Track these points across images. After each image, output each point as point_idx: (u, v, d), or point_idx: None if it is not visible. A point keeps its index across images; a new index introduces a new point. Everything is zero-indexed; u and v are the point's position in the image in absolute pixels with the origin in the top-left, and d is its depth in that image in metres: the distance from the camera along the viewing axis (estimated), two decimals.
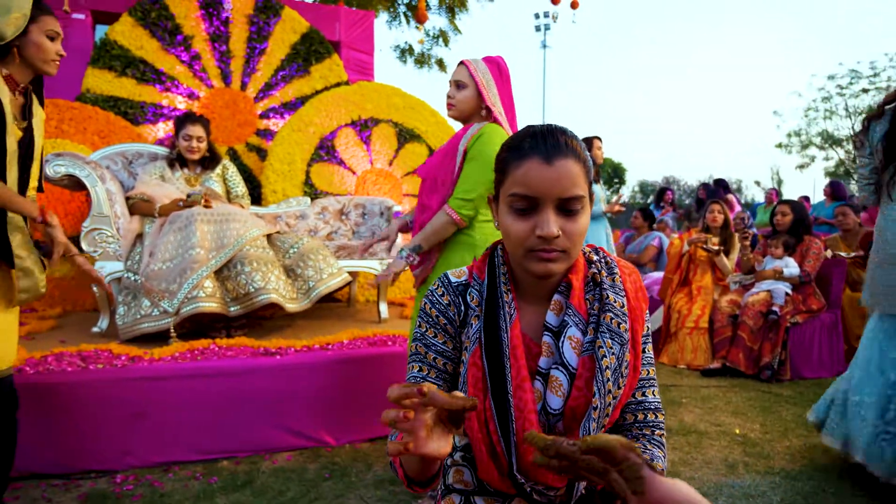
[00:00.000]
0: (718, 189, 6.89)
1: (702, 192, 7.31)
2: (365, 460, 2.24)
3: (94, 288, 2.68)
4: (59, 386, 2.03)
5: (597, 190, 4.12)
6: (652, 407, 0.94)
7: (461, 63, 1.88)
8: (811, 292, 3.76)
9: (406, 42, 10.78)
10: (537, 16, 33.08)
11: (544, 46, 33.51)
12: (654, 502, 0.65)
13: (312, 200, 3.82)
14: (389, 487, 2.03)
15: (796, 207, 3.90)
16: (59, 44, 1.65)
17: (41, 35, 1.59)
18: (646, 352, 0.93)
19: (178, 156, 3.04)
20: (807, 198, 9.81)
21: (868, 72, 20.55)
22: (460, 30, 10.08)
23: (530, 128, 0.88)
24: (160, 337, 2.49)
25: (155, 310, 2.49)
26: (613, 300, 0.89)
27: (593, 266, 0.94)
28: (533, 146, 0.83)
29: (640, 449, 0.82)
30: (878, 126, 2.10)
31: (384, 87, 4.30)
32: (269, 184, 3.88)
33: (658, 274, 4.75)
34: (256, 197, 3.94)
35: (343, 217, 3.74)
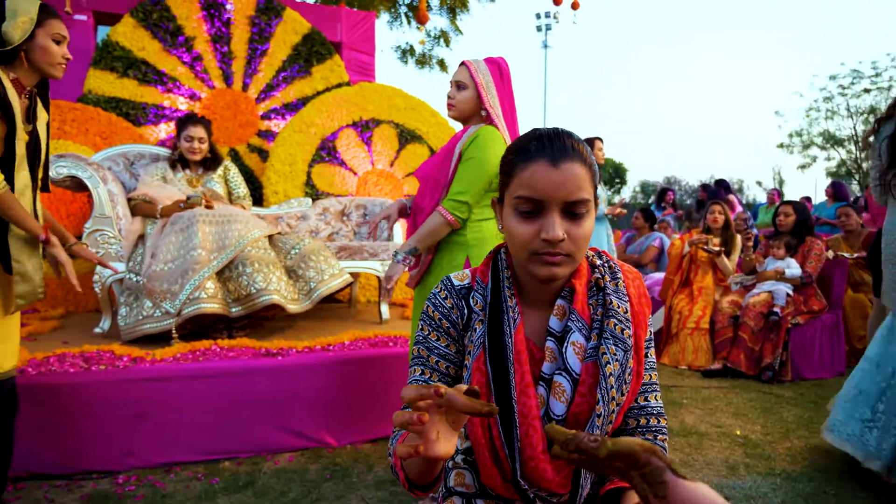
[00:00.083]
0: (719, 190, 6.88)
1: (702, 194, 7.30)
2: (366, 461, 2.25)
3: (97, 288, 2.68)
4: (62, 387, 2.04)
5: (598, 191, 4.11)
6: (654, 412, 0.93)
7: (462, 64, 1.88)
8: (812, 293, 3.76)
9: (407, 42, 10.78)
10: (538, 16, 33.13)
11: (545, 46, 33.53)
12: None
13: (314, 201, 3.82)
14: (390, 488, 2.03)
15: (799, 208, 3.90)
16: (66, 47, 1.66)
17: (47, 39, 1.60)
18: (648, 356, 0.93)
19: (180, 157, 3.04)
20: (808, 198, 9.81)
21: (870, 72, 20.59)
22: (461, 30, 10.08)
23: (536, 131, 0.87)
24: (162, 338, 2.49)
25: (157, 311, 2.50)
26: (617, 305, 0.89)
27: (596, 271, 0.93)
28: (539, 149, 0.83)
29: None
30: (885, 128, 2.11)
31: (385, 88, 4.30)
32: (271, 185, 3.89)
33: (659, 275, 4.75)
34: (258, 198, 3.95)
35: (344, 218, 3.75)
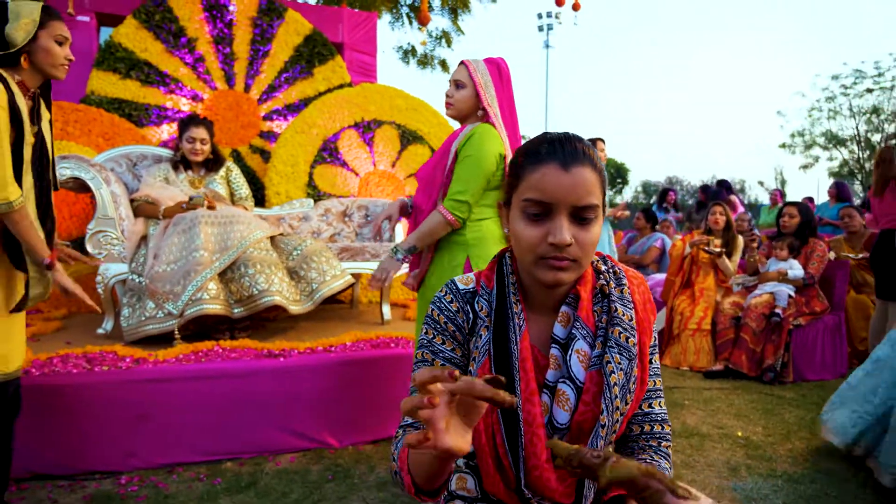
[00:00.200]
0: (721, 190, 6.86)
1: (701, 195, 7.27)
2: (368, 462, 2.25)
3: (99, 289, 2.69)
4: (65, 388, 2.05)
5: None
6: (658, 418, 0.93)
7: (462, 63, 1.89)
8: (814, 294, 3.76)
9: (409, 43, 10.78)
10: (540, 16, 33.15)
11: (547, 46, 33.53)
12: None
13: (315, 202, 3.83)
14: (392, 489, 2.04)
15: (803, 210, 3.89)
16: (68, 48, 1.66)
17: (50, 40, 1.61)
18: (653, 363, 0.92)
19: (182, 158, 3.05)
20: (811, 198, 9.79)
21: (872, 71, 20.56)
22: (463, 30, 10.08)
23: (547, 134, 0.86)
24: (164, 339, 2.50)
25: (159, 312, 2.50)
26: (622, 313, 0.88)
27: (601, 277, 0.92)
28: (550, 152, 0.82)
29: (656, 466, 0.82)
30: None
31: (387, 89, 4.31)
32: (273, 185, 3.90)
33: (661, 275, 4.74)
34: (260, 199, 3.95)
35: (346, 219, 3.75)
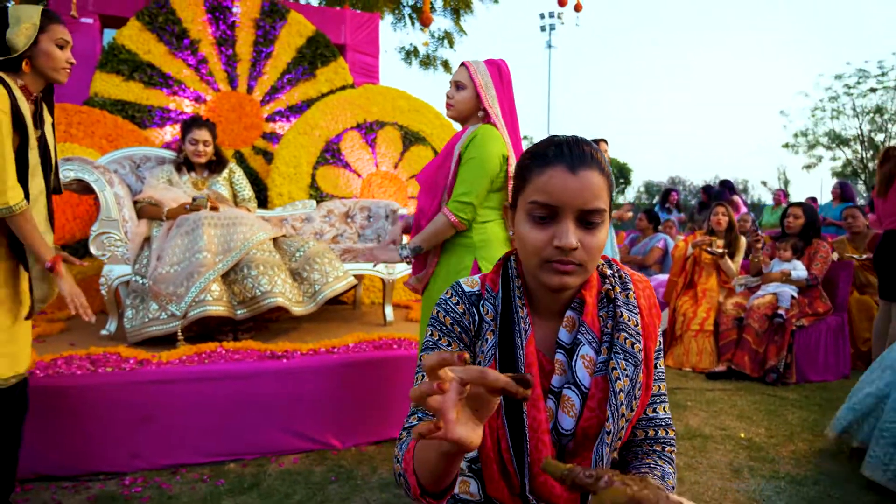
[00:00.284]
0: (724, 190, 6.84)
1: (703, 196, 7.25)
2: (370, 463, 2.26)
3: (103, 290, 2.70)
4: (69, 389, 2.05)
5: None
6: (663, 423, 0.93)
7: (462, 64, 1.90)
8: (817, 295, 3.75)
9: (411, 44, 10.79)
10: (542, 16, 33.11)
11: (549, 46, 33.51)
12: None
13: (318, 203, 3.83)
14: (395, 490, 2.04)
15: (808, 211, 3.88)
16: (69, 51, 1.67)
17: (51, 44, 1.61)
18: (658, 367, 0.91)
19: (185, 160, 3.06)
20: (814, 199, 9.77)
21: (876, 71, 20.48)
22: (465, 31, 10.09)
23: (555, 137, 0.85)
24: (168, 340, 2.51)
25: (163, 313, 2.51)
26: (627, 318, 0.87)
27: (607, 281, 0.92)
28: (558, 154, 0.81)
29: (661, 472, 0.83)
30: None
31: (389, 91, 4.31)
32: (275, 187, 3.90)
33: (663, 276, 4.74)
34: (262, 200, 3.96)
35: (348, 220, 3.76)
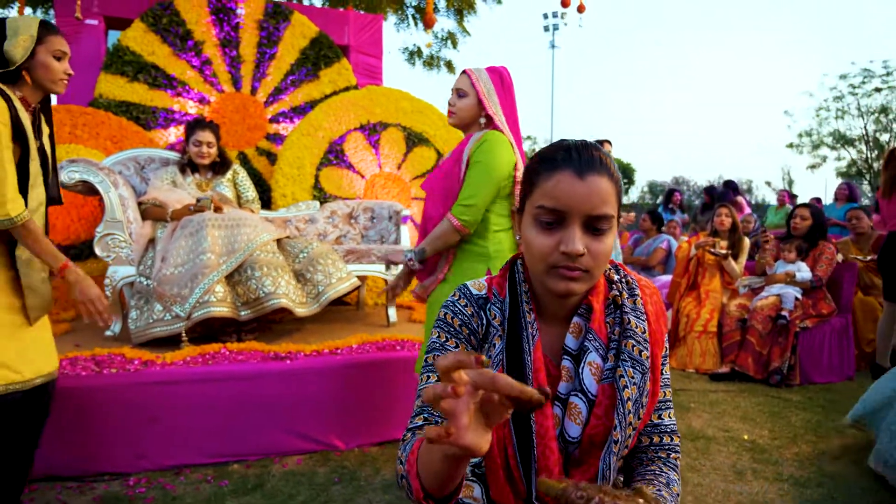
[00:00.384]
0: (727, 191, 6.83)
1: (706, 196, 7.23)
2: (373, 464, 2.26)
3: (107, 291, 2.71)
4: (74, 390, 2.06)
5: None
6: (668, 430, 0.92)
7: (464, 72, 1.90)
8: (821, 297, 3.74)
9: (414, 44, 10.80)
10: (546, 16, 33.07)
11: (553, 47, 33.47)
12: None
13: (322, 204, 3.84)
14: (398, 492, 2.04)
15: (815, 213, 3.85)
16: (67, 63, 1.66)
17: (48, 56, 1.61)
18: (664, 373, 0.91)
19: (189, 161, 3.07)
20: (818, 199, 9.74)
21: (881, 70, 20.38)
22: (469, 31, 10.08)
23: (564, 141, 0.85)
24: (172, 341, 2.52)
25: (167, 314, 2.52)
26: (635, 325, 0.87)
27: (614, 287, 0.91)
28: (566, 159, 0.81)
29: (665, 478, 0.84)
30: None
31: (392, 92, 4.32)
32: (279, 188, 3.92)
33: (667, 277, 4.73)
34: (266, 201, 3.97)
35: (352, 221, 3.77)
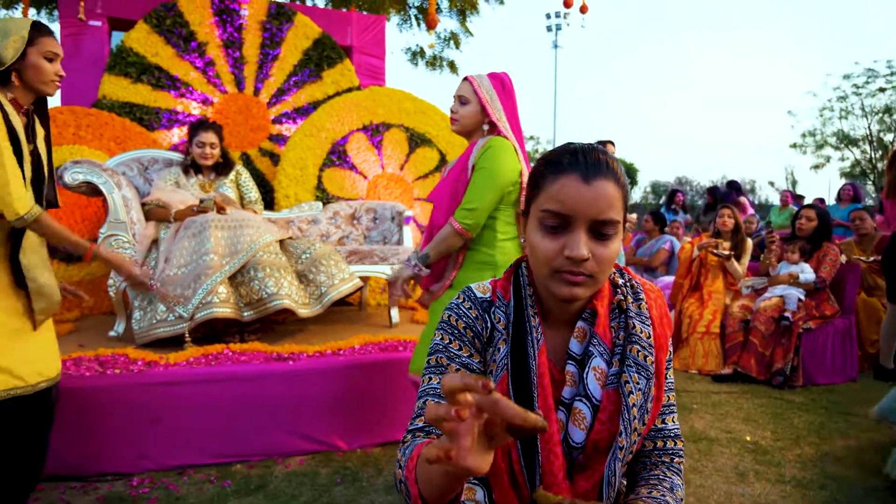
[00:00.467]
0: (730, 192, 6.82)
1: (709, 197, 7.22)
2: (376, 465, 2.27)
3: (111, 292, 2.72)
4: (78, 390, 2.07)
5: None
6: (671, 434, 0.92)
7: (465, 79, 1.90)
8: (825, 298, 3.73)
9: (417, 45, 10.81)
10: (548, 16, 33.02)
11: (556, 47, 33.43)
12: None
13: (324, 205, 3.85)
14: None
15: (821, 214, 3.84)
16: (59, 64, 1.66)
17: (39, 57, 1.61)
18: (668, 377, 0.90)
19: (192, 162, 3.08)
20: (822, 199, 9.72)
21: (885, 70, 20.32)
22: (471, 32, 10.07)
23: (570, 145, 0.84)
24: (175, 341, 2.53)
25: (170, 315, 2.53)
26: (640, 330, 0.86)
27: (619, 291, 0.90)
28: (572, 162, 0.80)
29: (669, 483, 0.85)
30: None
31: (395, 92, 4.32)
32: (282, 188, 3.92)
33: (669, 278, 4.72)
34: (269, 201, 3.98)
35: (354, 221, 3.78)
